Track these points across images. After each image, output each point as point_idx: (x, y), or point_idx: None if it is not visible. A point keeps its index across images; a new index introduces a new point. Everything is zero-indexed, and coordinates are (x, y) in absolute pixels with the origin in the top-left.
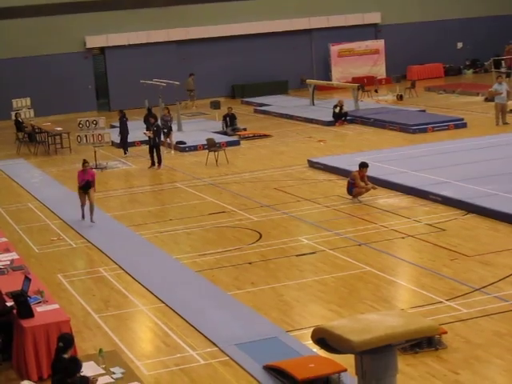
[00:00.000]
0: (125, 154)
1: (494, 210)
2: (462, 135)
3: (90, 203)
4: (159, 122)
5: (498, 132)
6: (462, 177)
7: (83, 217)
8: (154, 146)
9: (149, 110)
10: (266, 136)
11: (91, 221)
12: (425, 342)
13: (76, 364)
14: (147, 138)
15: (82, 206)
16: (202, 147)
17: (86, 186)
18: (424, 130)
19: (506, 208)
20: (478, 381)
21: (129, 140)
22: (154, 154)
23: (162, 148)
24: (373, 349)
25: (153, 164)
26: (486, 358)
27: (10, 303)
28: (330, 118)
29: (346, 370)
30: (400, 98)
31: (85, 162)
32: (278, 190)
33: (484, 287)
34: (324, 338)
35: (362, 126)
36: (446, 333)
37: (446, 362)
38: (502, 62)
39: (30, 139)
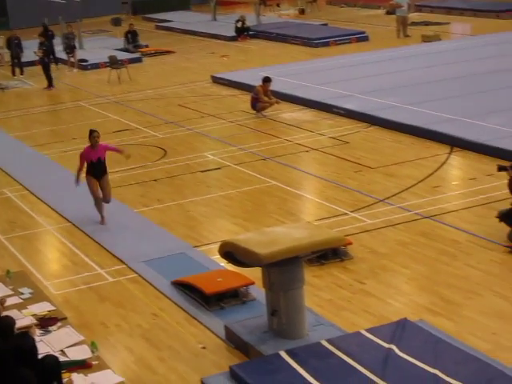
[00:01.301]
0: (21, 74)
1: (397, 122)
2: (364, 48)
3: (106, 197)
4: (62, 39)
5: (399, 45)
6: (364, 90)
7: (103, 218)
8: (43, 65)
9: (45, 27)
10: (168, 52)
11: (102, 222)
12: (330, 253)
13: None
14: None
15: (98, 200)
16: (104, 65)
17: (98, 169)
18: (326, 44)
19: (408, 120)
20: (384, 289)
21: (26, 60)
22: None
23: (64, 66)
24: (279, 261)
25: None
26: (391, 267)
27: None
28: (233, 34)
29: (253, 283)
30: (302, 12)
31: (93, 132)
32: (182, 106)
33: (388, 198)
34: (231, 252)
35: (265, 41)
36: (351, 243)
37: (351, 272)
38: None
39: None
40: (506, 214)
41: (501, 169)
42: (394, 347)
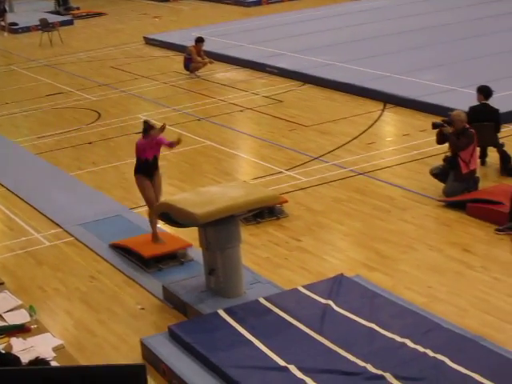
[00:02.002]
0: None
1: (330, 80)
2: (297, 7)
3: (157, 198)
4: None
5: (330, 3)
6: (297, 48)
7: (156, 236)
8: None
9: None
10: (100, 14)
11: (156, 239)
12: (266, 212)
13: None
14: None
15: (152, 207)
16: (36, 28)
17: (151, 166)
18: (259, 3)
19: (341, 77)
20: (320, 246)
21: None
22: None
23: None
24: (216, 220)
25: None
26: (327, 224)
27: None
28: None
29: (191, 246)
30: None
31: (147, 123)
32: (114, 68)
33: (322, 156)
34: (167, 213)
35: (198, 1)
36: (286, 202)
37: (288, 230)
38: None
39: None
40: (439, 171)
41: (436, 126)
42: (331, 303)
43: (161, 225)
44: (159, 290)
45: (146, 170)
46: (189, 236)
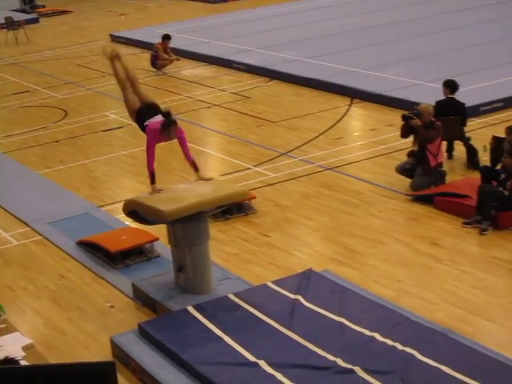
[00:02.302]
0: None
1: (297, 76)
2: (263, 3)
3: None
4: None
5: None
6: (263, 44)
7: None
8: None
9: None
10: (65, 12)
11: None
12: (235, 208)
13: None
14: None
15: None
16: (1, 26)
17: None
18: (225, 0)
19: (308, 73)
20: (288, 241)
21: None
22: None
23: None
24: (184, 217)
25: None
26: (295, 220)
27: None
28: None
29: (157, 239)
30: None
31: (167, 114)
32: (81, 66)
33: (290, 151)
34: (136, 210)
35: None
36: (255, 198)
37: (256, 226)
38: None
39: None
40: (408, 167)
41: (406, 118)
42: (300, 298)
43: (129, 222)
44: (128, 287)
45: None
46: (157, 233)
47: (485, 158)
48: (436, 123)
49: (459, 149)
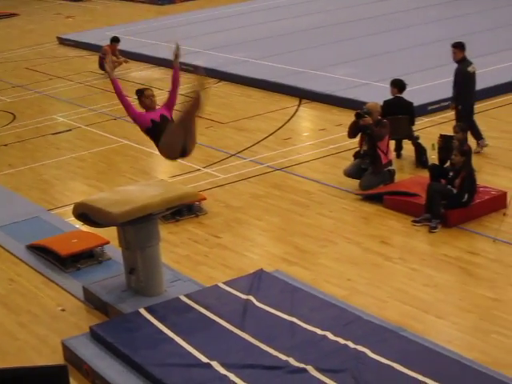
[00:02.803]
0: None
1: (246, 77)
2: (210, 4)
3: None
4: None
5: (244, 0)
6: (212, 45)
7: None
8: None
9: None
10: (12, 15)
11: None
12: (185, 210)
13: None
14: None
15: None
16: None
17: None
18: (172, 1)
19: (257, 74)
20: (239, 242)
21: None
22: None
23: None
24: (134, 219)
25: None
26: (246, 220)
27: None
28: None
29: (108, 243)
30: None
31: (144, 91)
32: (29, 69)
33: (240, 152)
34: (86, 213)
35: (111, 0)
36: (205, 199)
37: (207, 227)
38: None
39: None
40: (352, 171)
41: (360, 116)
42: (251, 298)
43: (79, 225)
44: (79, 290)
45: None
46: (108, 235)
47: (433, 157)
48: (383, 121)
49: (408, 148)
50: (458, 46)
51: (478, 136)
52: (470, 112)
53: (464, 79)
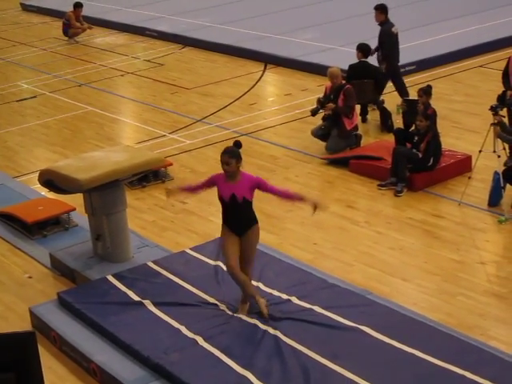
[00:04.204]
0: None
1: (210, 42)
2: None
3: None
4: None
5: None
6: (176, 11)
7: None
8: None
9: None
10: None
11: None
12: (151, 176)
13: None
14: None
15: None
16: None
17: (237, 216)
18: None
19: (221, 39)
20: (205, 207)
21: None
22: None
23: None
24: (100, 185)
25: None
26: None
27: None
28: None
29: (74, 209)
30: None
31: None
32: None
33: (205, 118)
34: (51, 180)
35: None
36: (171, 165)
37: None
38: None
39: None
40: (320, 133)
41: (315, 113)
42: (220, 263)
43: (45, 192)
44: (46, 257)
45: (226, 217)
46: (74, 203)
47: (398, 121)
48: (347, 87)
49: (373, 112)
50: (380, 8)
51: (404, 93)
52: (396, 69)
53: (389, 40)
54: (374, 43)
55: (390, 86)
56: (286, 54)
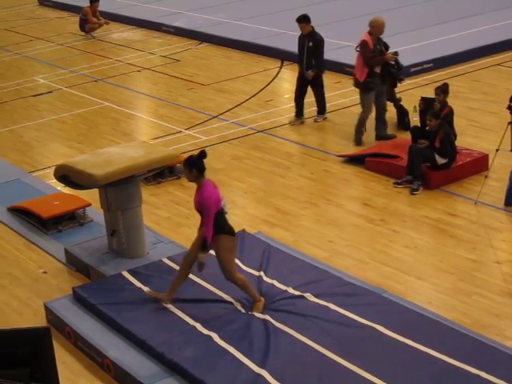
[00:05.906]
0: None
1: (227, 38)
2: None
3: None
4: None
5: None
6: (193, 7)
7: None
8: None
9: None
10: None
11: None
12: (167, 172)
13: None
14: None
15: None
16: None
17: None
18: None
19: (238, 35)
20: None
21: None
22: None
23: None
24: (116, 181)
25: None
26: (227, 182)
27: None
28: None
29: (90, 205)
30: None
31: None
32: (8, 30)
33: (221, 114)
34: (67, 175)
35: None
36: None
37: (188, 189)
38: None
39: None
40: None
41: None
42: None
43: (61, 187)
44: (61, 252)
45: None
46: (90, 198)
47: (415, 119)
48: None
49: (390, 110)
50: (303, 20)
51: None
52: (322, 79)
53: (322, 47)
54: (391, 40)
55: (406, 83)
56: None
